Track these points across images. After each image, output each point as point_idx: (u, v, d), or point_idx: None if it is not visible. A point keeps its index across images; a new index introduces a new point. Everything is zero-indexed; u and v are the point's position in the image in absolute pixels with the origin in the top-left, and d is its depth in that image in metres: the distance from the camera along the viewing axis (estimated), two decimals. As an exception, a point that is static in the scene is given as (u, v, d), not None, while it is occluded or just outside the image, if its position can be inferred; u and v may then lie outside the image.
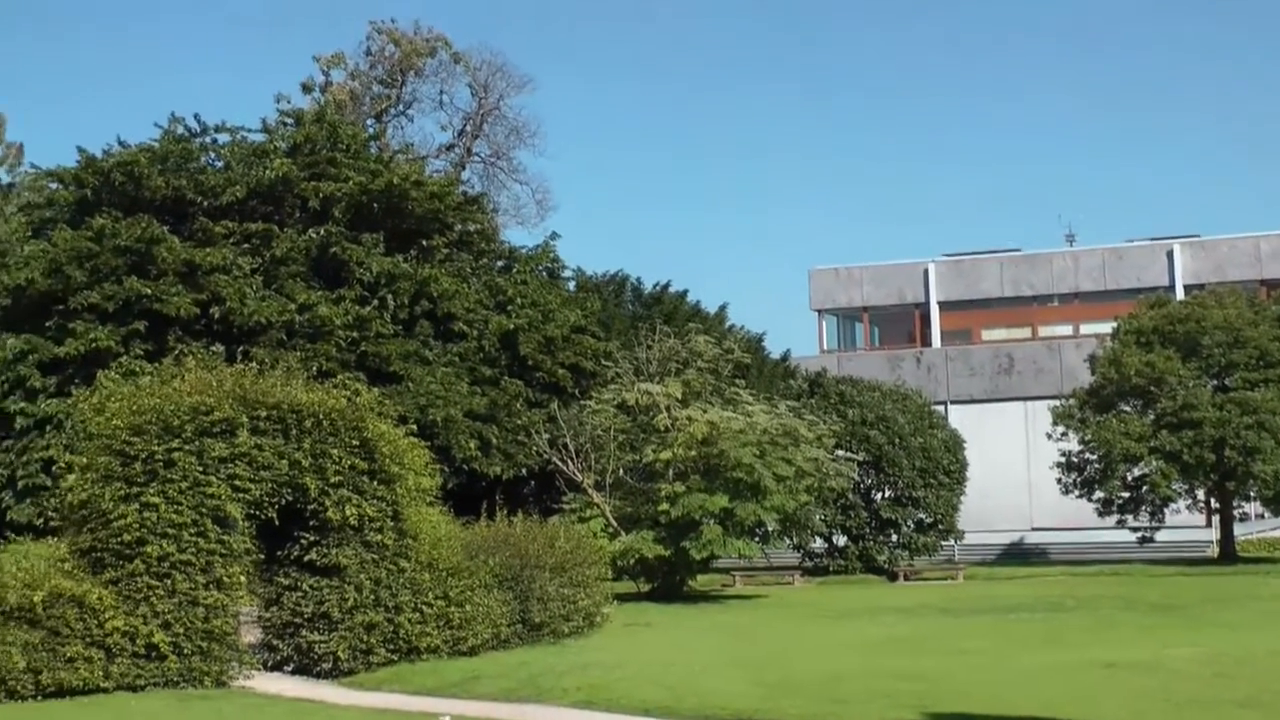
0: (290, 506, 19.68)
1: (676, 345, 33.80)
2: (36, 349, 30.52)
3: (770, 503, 30.07)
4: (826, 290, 57.56)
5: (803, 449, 31.35)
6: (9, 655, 17.30)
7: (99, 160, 33.97)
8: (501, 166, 57.60)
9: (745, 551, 30.91)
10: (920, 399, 40.65)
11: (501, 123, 57.52)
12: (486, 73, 56.81)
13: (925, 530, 38.28)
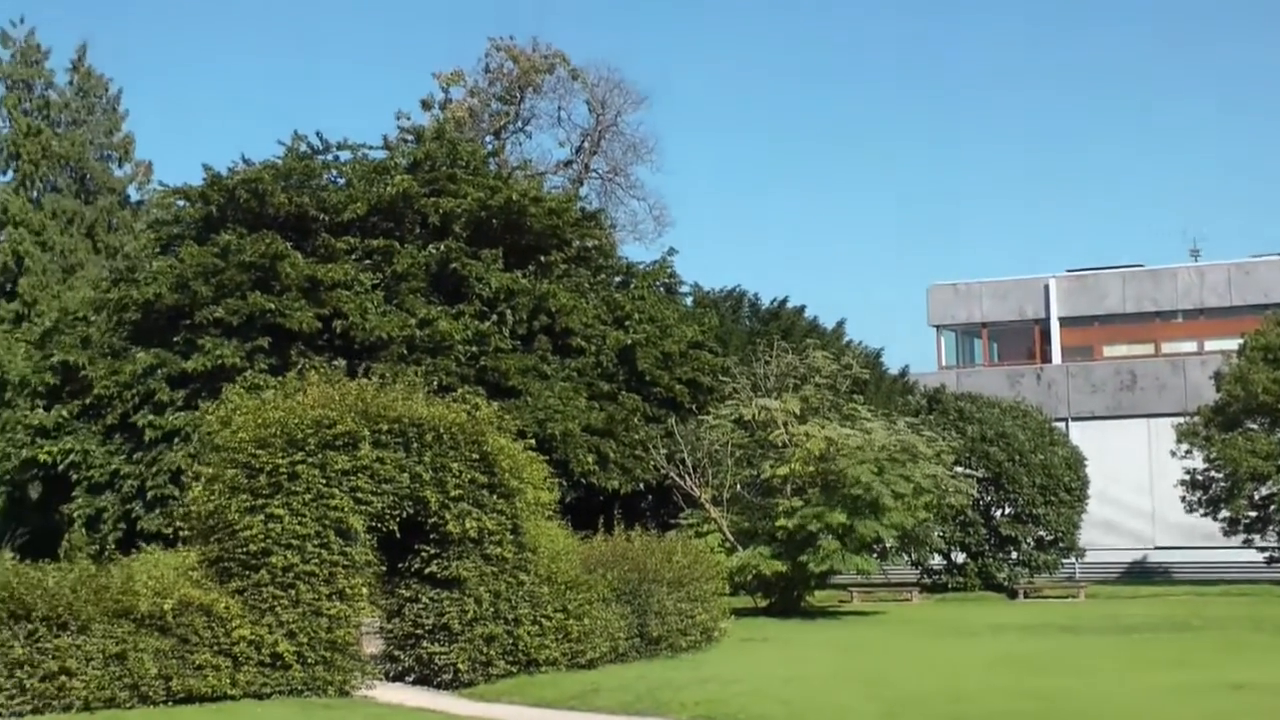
0: (411, 519, 19.83)
1: (794, 361, 33.70)
2: (165, 363, 31.14)
3: (888, 519, 29.89)
4: (945, 306, 57.05)
5: (921, 465, 31.09)
6: (141, 661, 17.65)
7: (224, 178, 34.65)
8: (619, 182, 57.86)
9: (863, 567, 30.73)
10: (1040, 416, 40.15)
11: (619, 139, 57.81)
12: (604, 89, 57.14)
13: (1045, 548, 37.78)
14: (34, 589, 17.51)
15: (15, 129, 51.69)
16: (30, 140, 51.33)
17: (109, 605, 17.74)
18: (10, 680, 17.16)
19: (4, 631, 17.22)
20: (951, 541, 36.87)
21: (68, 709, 17.30)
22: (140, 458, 30.81)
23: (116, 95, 54.53)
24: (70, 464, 31.40)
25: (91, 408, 31.89)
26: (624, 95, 57.40)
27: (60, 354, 32.68)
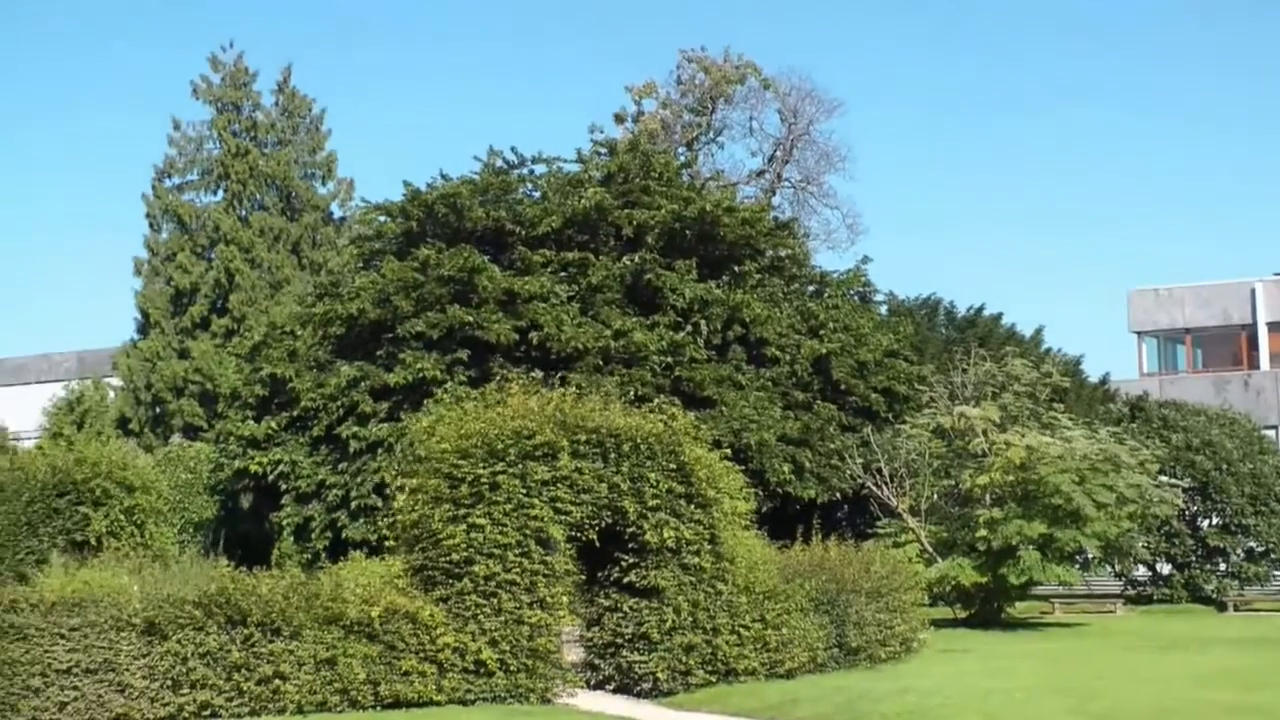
0: (610, 529, 19.99)
1: (992, 369, 33.21)
2: (368, 376, 31.87)
3: (1091, 529, 29.26)
4: (1146, 311, 55.79)
5: (1124, 475, 30.37)
6: (350, 667, 18.11)
7: (423, 194, 35.35)
8: (812, 191, 57.64)
9: (1065, 578, 30.13)
10: (1249, 423, 38.95)
11: (811, 147, 57.60)
12: (796, 98, 57.00)
13: (1256, 559, 36.59)
14: (249, 595, 18.10)
15: (225, 150, 53.47)
16: (239, 160, 53.08)
17: (319, 612, 18.24)
18: (228, 683, 17.79)
19: (222, 636, 17.85)
20: (1156, 552, 35.91)
21: (281, 712, 17.83)
22: (345, 468, 31.56)
23: (319, 115, 56.11)
24: (279, 474, 32.32)
25: (299, 419, 32.78)
26: (816, 104, 57.25)
27: (268, 367, 33.65)
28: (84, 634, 17.79)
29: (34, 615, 17.93)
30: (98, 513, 27.43)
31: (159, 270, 53.75)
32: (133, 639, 17.82)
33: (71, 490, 27.60)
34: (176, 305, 52.85)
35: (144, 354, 52.10)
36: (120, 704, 17.71)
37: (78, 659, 17.73)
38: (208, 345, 50.60)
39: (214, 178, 54.09)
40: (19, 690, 17.70)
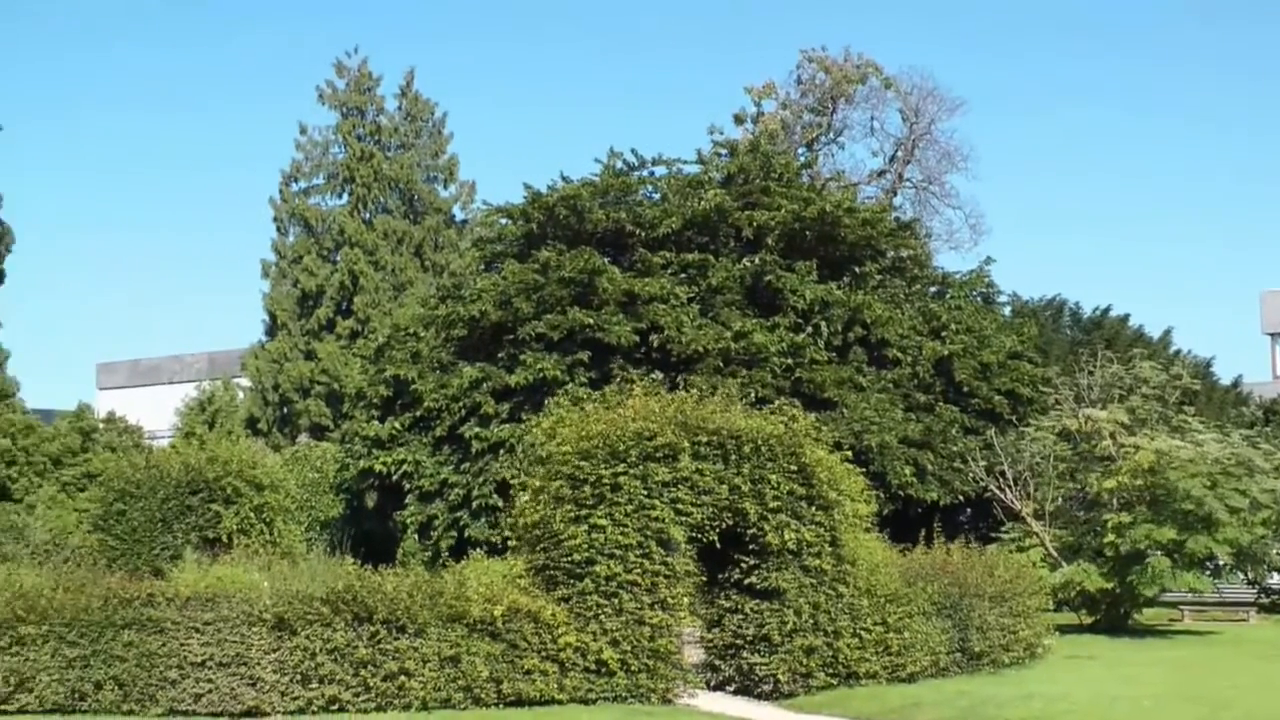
0: (730, 530, 20.02)
1: (1119, 371, 32.73)
2: (490, 377, 32.17)
3: (1222, 535, 28.64)
4: (1280, 312, 54.68)
5: (1258, 479, 29.72)
6: (473, 665, 18.33)
7: (544, 196, 35.61)
8: (933, 191, 57.18)
9: (1195, 585, 29.50)
10: (1388, 427, 37.99)
11: (933, 147, 57.14)
12: (917, 97, 56.57)
13: (1399, 569, 35.60)
14: (375, 593, 18.40)
15: (349, 154, 54.28)
16: (363, 164, 53.85)
17: (443, 610, 18.48)
18: (355, 678, 18.10)
19: (349, 632, 18.16)
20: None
21: (407, 708, 18.10)
22: (467, 468, 31.89)
23: (441, 119, 56.74)
24: (403, 474, 32.75)
25: (422, 420, 33.18)
26: (937, 102, 56.76)
27: (392, 368, 34.11)
28: (217, 628, 18.22)
29: (170, 609, 18.42)
30: (229, 510, 28.03)
31: (286, 273, 54.70)
32: (263, 634, 18.20)
33: (204, 488, 28.24)
34: (303, 307, 53.72)
35: (271, 355, 53.05)
36: (252, 697, 18.10)
37: (211, 652, 18.16)
38: (333, 347, 51.38)
39: (339, 181, 54.92)
40: (156, 681, 18.19)
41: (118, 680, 18.33)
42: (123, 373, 75.86)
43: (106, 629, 18.45)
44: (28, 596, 19.09)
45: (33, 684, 18.56)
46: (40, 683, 18.52)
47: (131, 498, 28.71)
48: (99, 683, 18.39)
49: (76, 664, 18.47)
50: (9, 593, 19.33)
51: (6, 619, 18.77)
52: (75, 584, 19.45)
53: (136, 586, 19.14)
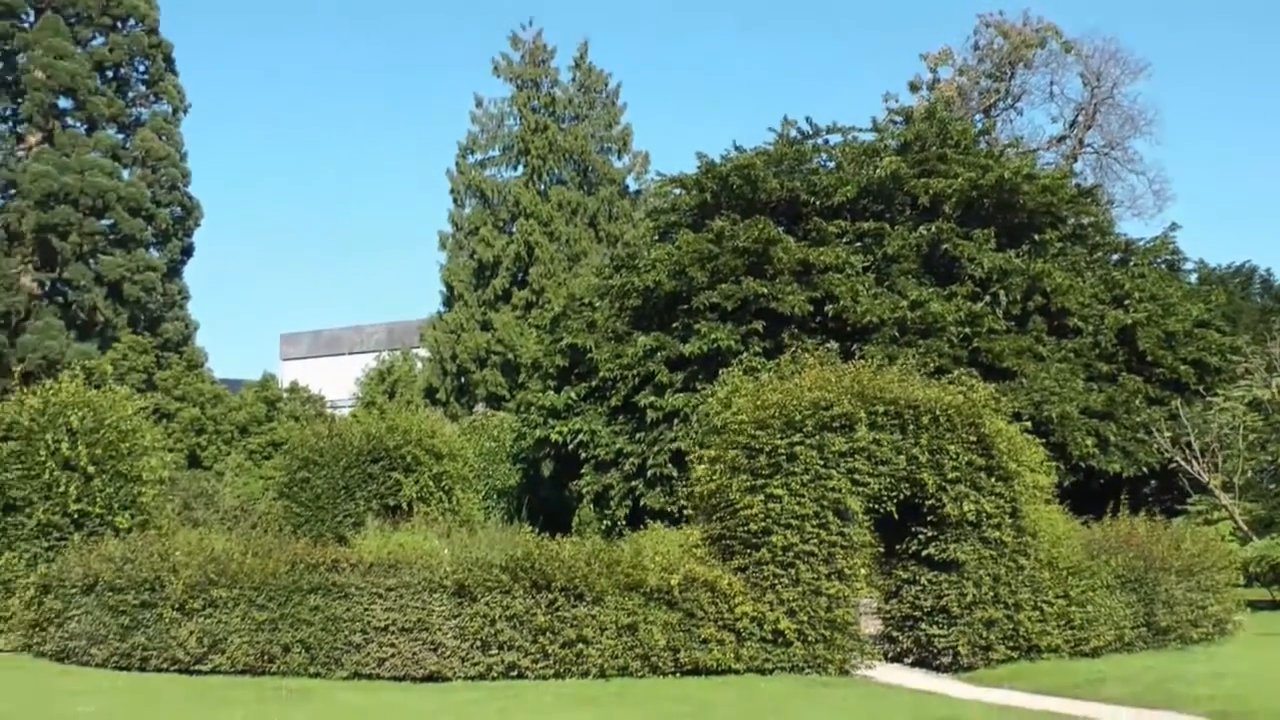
0: (908, 501, 19.83)
1: (1316, 339, 31.74)
2: (665, 346, 32.26)
3: None
4: None
5: None
6: (651, 633, 18.45)
7: (717, 166, 35.55)
8: (1115, 157, 55.99)
9: (1401, 561, 28.52)
10: None
11: (1115, 111, 55.95)
12: (1099, 60, 55.42)
13: None
14: (553, 561, 18.61)
15: (525, 126, 54.89)
16: (538, 136, 54.38)
17: (620, 578, 18.62)
18: (534, 645, 18.35)
19: (528, 600, 18.40)
20: None
21: (585, 675, 18.29)
22: (642, 437, 32.02)
23: (615, 89, 57.05)
24: (579, 443, 33.02)
25: (597, 389, 33.40)
26: (1120, 65, 55.58)
27: (568, 338, 34.39)
28: (399, 594, 18.61)
29: (354, 575, 18.86)
30: (409, 478, 28.53)
31: (463, 244, 55.53)
32: (444, 600, 18.53)
33: (384, 457, 28.79)
34: (479, 278, 54.47)
35: (449, 326, 53.90)
36: (433, 662, 18.45)
37: (394, 618, 18.54)
38: (509, 317, 52.03)
39: (514, 153, 55.57)
40: (341, 645, 18.65)
41: (304, 643, 18.84)
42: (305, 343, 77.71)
43: (294, 593, 18.96)
44: (219, 560, 19.71)
45: (224, 645, 19.18)
46: (231, 644, 19.13)
47: (315, 465, 29.39)
48: (287, 646, 18.92)
49: (265, 627, 19.02)
50: (201, 556, 19.97)
51: (200, 582, 19.41)
52: (263, 549, 20.03)
53: (322, 552, 19.62)
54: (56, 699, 17.54)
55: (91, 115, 56.32)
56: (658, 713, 16.22)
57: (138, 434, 23.98)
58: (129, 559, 20.38)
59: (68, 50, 55.40)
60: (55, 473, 22.71)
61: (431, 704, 16.86)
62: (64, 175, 53.53)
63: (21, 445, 22.93)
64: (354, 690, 17.96)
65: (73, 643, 20.76)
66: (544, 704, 16.81)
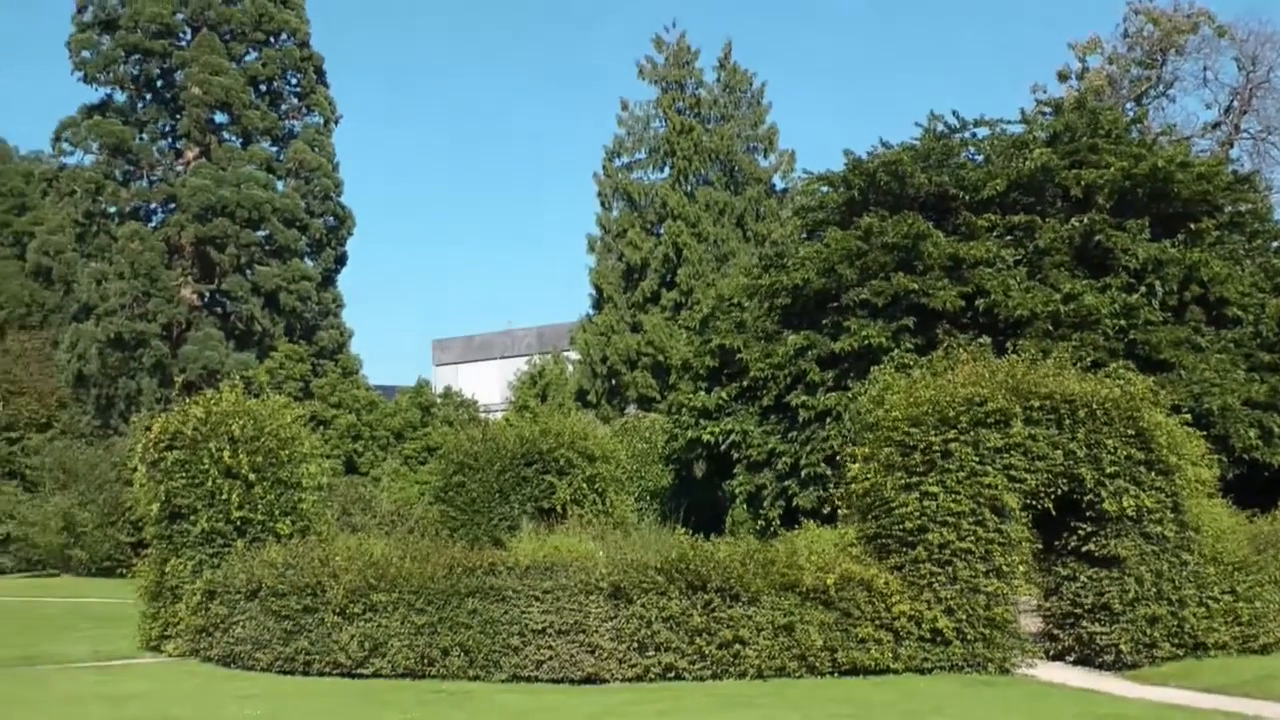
0: (1066, 497, 19.57)
1: None
2: (815, 345, 32.15)
3: None
4: None
5: None
6: (807, 633, 18.44)
7: (864, 162, 35.33)
8: (1274, 142, 54.55)
9: None
10: None
11: (1272, 95, 54.51)
12: (1254, 44, 54.06)
13: None
14: (708, 562, 18.68)
15: (670, 127, 55.12)
16: (684, 137, 54.57)
17: (775, 578, 18.62)
18: (691, 646, 18.43)
19: (683, 601, 18.48)
20: None
21: (742, 676, 18.34)
22: (794, 437, 31.93)
23: (760, 89, 57.03)
24: (731, 443, 33.02)
25: (748, 389, 33.38)
26: (1276, 49, 54.11)
27: (718, 338, 34.41)
28: (556, 596, 18.80)
29: (511, 578, 19.09)
30: (562, 481, 28.82)
31: (611, 247, 55.91)
32: (600, 602, 18.69)
33: (538, 460, 29.11)
34: (628, 280, 54.79)
35: (599, 328, 54.29)
36: (591, 664, 18.61)
37: (551, 620, 18.74)
38: (658, 318, 52.25)
39: (661, 155, 55.82)
40: (500, 648, 18.90)
41: (463, 646, 19.11)
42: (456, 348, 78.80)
43: (452, 597, 19.24)
44: (378, 565, 20.08)
45: (385, 649, 19.52)
46: (392, 648, 19.47)
47: (470, 470, 29.80)
48: (446, 649, 19.21)
49: (425, 630, 19.33)
50: (361, 561, 20.36)
51: (360, 587, 19.79)
52: (421, 553, 20.36)
53: (479, 555, 19.90)
54: (224, 703, 17.99)
55: (246, 129, 57.78)
56: (817, 714, 16.20)
57: (297, 441, 24.44)
58: (291, 564, 20.85)
59: (223, 66, 56.87)
60: (218, 480, 23.22)
61: (591, 706, 17.00)
62: (221, 188, 54.94)
63: (186, 454, 23.49)
64: (513, 693, 18.19)
65: (238, 647, 21.29)
66: (701, 705, 16.88)
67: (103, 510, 46.08)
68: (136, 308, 54.93)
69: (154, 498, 23.78)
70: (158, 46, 56.88)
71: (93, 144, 57.34)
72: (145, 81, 58.56)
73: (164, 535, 23.64)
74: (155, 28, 56.56)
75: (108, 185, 57.07)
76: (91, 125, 57.18)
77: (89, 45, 57.35)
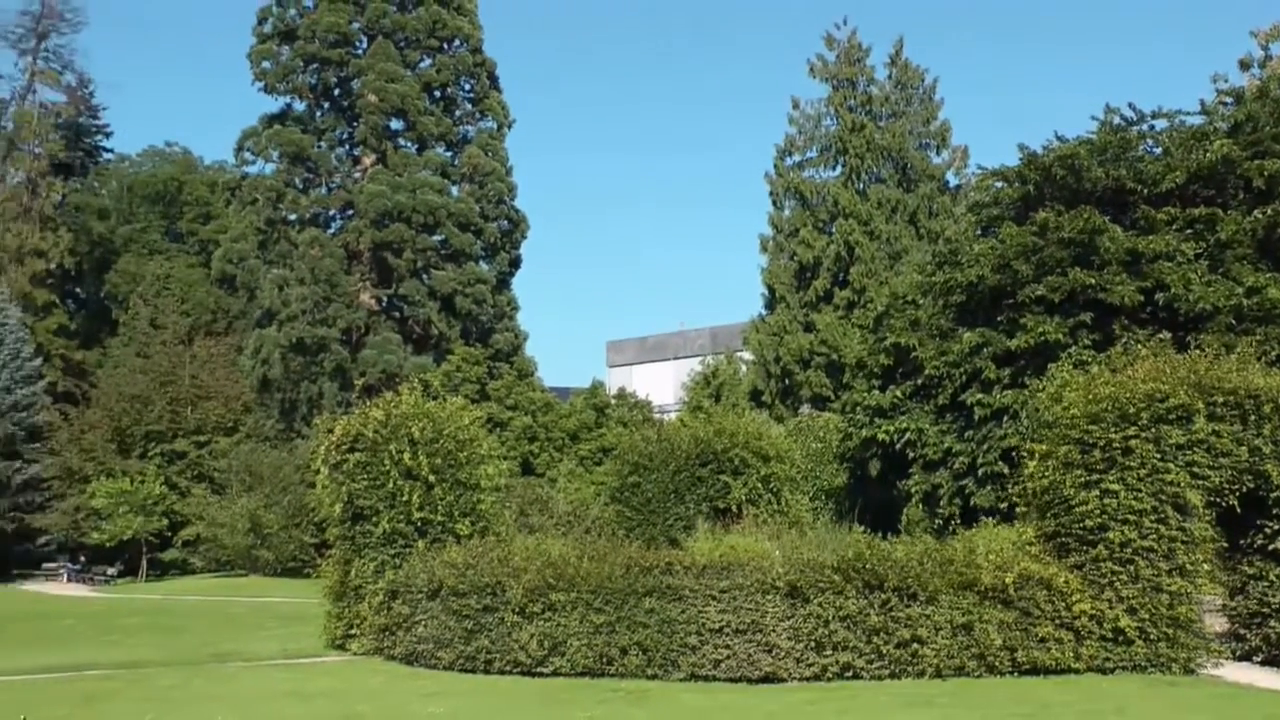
0: (1251, 494, 19.19)
1: None
2: (990, 342, 31.79)
3: None
4: None
5: None
6: (986, 632, 18.33)
7: (1039, 157, 34.79)
8: None
9: None
10: None
11: None
12: None
13: None
14: (885, 561, 18.67)
15: (842, 125, 54.93)
16: (855, 135, 54.35)
17: (953, 577, 18.56)
18: (868, 646, 18.44)
19: (860, 600, 18.50)
20: None
21: (920, 675, 18.29)
22: (970, 435, 31.61)
23: (932, 85, 56.52)
24: (906, 442, 32.80)
25: (923, 388, 33.13)
26: None
27: (892, 337, 34.19)
28: (732, 596, 18.93)
29: (687, 577, 19.27)
30: (737, 481, 28.93)
31: (783, 246, 55.87)
32: (777, 601, 18.78)
33: (713, 460, 29.26)
34: (800, 280, 54.71)
35: (771, 328, 54.30)
36: (768, 663, 18.71)
37: (728, 619, 18.87)
38: (831, 317, 52.10)
39: (832, 154, 55.65)
40: (677, 647, 19.08)
41: (641, 645, 19.33)
42: (630, 350, 79.31)
43: (629, 596, 19.46)
44: (557, 565, 20.39)
45: (564, 648, 19.82)
46: (571, 647, 19.76)
47: (645, 470, 30.04)
48: (624, 648, 19.45)
49: (603, 630, 19.58)
50: (539, 561, 20.69)
51: (539, 586, 20.11)
52: (598, 553, 20.62)
53: (655, 555, 20.11)
54: (409, 701, 18.44)
55: (421, 135, 58.86)
56: (995, 714, 16.11)
57: (475, 443, 24.85)
58: (471, 565, 21.25)
59: (398, 74, 58.02)
60: (399, 482, 23.70)
61: (769, 705, 17.10)
62: (397, 194, 56.03)
63: (367, 456, 24.04)
64: (691, 692, 18.36)
65: (420, 646, 21.76)
66: (880, 705, 16.88)
67: (287, 512, 47.42)
68: (317, 313, 56.23)
69: (337, 499, 24.38)
70: (335, 55, 58.24)
71: (273, 153, 58.94)
72: (323, 90, 60.05)
73: (347, 536, 24.23)
74: (332, 37, 57.96)
75: (288, 193, 58.62)
76: (272, 134, 58.78)
77: (269, 56, 58.96)
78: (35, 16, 72.16)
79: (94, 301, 76.49)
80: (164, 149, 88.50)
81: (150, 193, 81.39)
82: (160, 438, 55.86)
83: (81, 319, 73.83)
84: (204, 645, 26.33)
